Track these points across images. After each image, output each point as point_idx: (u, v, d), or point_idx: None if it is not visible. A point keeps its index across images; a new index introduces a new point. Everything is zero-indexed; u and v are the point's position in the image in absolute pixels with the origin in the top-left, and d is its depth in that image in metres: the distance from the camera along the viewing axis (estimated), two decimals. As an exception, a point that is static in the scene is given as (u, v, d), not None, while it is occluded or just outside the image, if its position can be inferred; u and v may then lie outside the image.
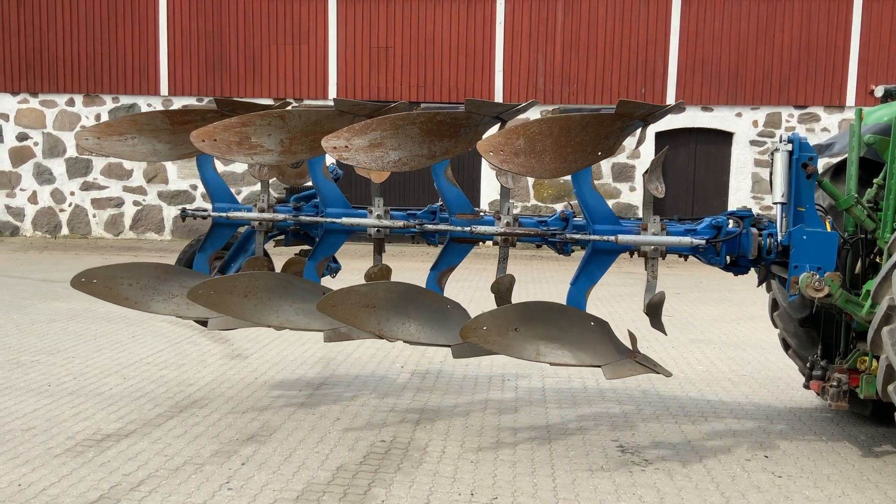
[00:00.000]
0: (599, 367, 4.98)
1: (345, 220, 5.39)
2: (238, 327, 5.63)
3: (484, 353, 5.13)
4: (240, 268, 5.85)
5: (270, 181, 5.70)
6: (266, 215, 5.57)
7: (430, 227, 5.30)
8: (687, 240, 4.98)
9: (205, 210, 5.73)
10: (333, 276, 6.05)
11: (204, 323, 5.93)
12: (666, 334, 5.44)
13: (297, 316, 5.21)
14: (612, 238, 4.92)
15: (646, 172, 5.00)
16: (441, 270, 5.33)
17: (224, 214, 5.63)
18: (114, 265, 5.39)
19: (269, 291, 5.14)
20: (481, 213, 5.40)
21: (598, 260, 5.10)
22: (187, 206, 6.13)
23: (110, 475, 4.66)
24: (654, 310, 5.02)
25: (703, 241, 4.97)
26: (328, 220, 5.44)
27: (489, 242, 5.42)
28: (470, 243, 5.34)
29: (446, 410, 6.12)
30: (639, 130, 4.90)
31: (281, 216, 5.60)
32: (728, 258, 5.21)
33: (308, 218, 5.56)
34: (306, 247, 6.17)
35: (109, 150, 5.27)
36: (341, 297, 4.86)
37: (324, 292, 5.16)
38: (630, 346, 5.07)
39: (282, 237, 6.10)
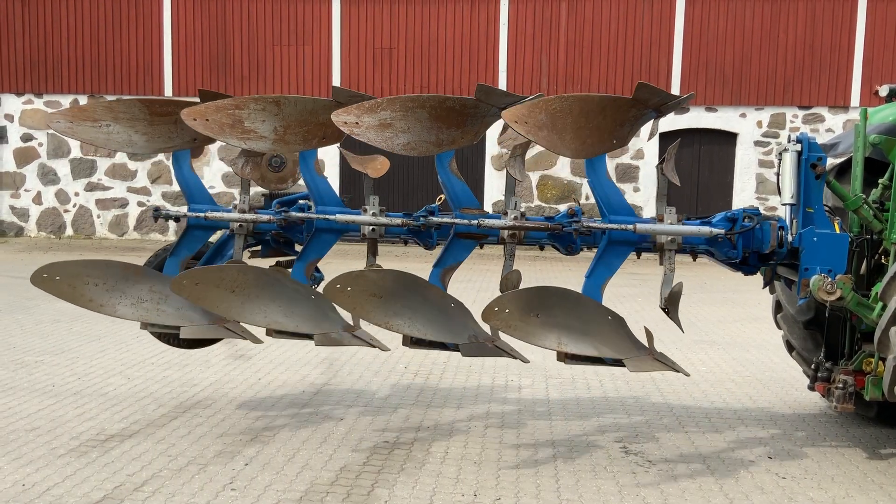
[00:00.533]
0: (621, 360, 4.83)
1: (339, 216, 5.06)
2: (213, 336, 5.31)
3: (492, 355, 5.05)
4: None
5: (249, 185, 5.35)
6: (248, 216, 5.17)
7: (434, 219, 5.04)
8: (706, 229, 4.84)
9: (178, 210, 5.35)
10: (315, 287, 5.59)
11: (168, 339, 5.68)
12: (683, 331, 5.37)
13: (286, 318, 4.93)
14: (629, 227, 4.77)
15: (660, 163, 4.93)
16: (445, 267, 5.08)
17: (201, 215, 5.21)
18: (79, 261, 5.03)
19: (259, 288, 4.87)
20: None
21: (613, 251, 4.95)
22: (160, 206, 5.67)
23: (114, 475, 4.66)
24: (673, 301, 4.84)
25: (722, 231, 4.85)
26: (320, 216, 5.10)
27: (493, 242, 5.28)
28: (475, 238, 5.10)
29: (450, 411, 6.11)
30: (651, 121, 4.84)
31: (265, 217, 5.17)
32: (743, 252, 5.07)
33: (299, 214, 5.18)
34: (283, 258, 5.76)
35: (82, 134, 4.91)
36: (349, 282, 4.61)
37: (313, 295, 4.99)
38: (647, 344, 4.96)
39: (258, 248, 5.66)
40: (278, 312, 4.91)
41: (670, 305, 4.87)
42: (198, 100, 4.96)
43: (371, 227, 5.06)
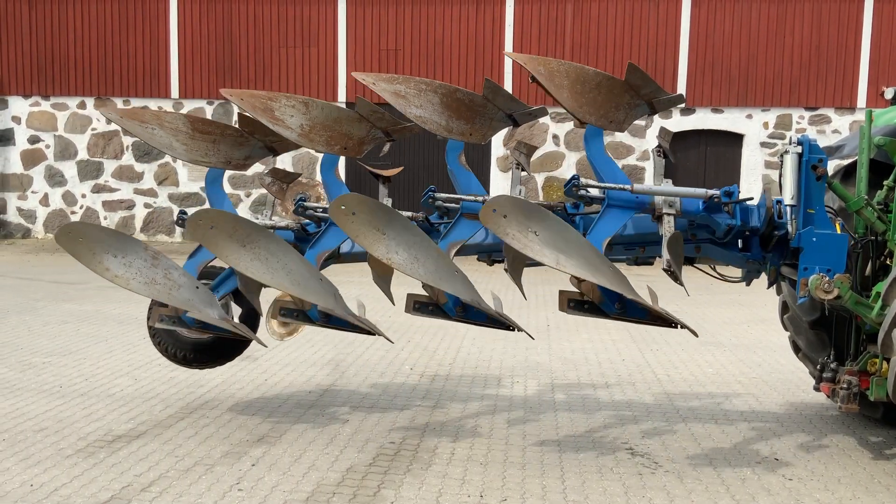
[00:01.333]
0: (622, 294, 4.65)
1: None
2: (217, 324, 5.22)
3: (495, 322, 4.98)
4: (225, 294, 5.56)
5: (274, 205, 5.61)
6: (268, 221, 5.41)
7: (441, 195, 5.17)
8: (701, 191, 4.90)
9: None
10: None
11: (176, 355, 5.69)
12: (689, 294, 5.30)
13: (292, 285, 4.85)
14: (627, 187, 4.83)
15: (657, 148, 5.07)
16: (450, 242, 5.12)
17: None
18: (105, 228, 5.13)
19: (269, 252, 4.84)
20: None
21: (612, 214, 4.95)
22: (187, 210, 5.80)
23: (121, 476, 4.68)
24: (673, 249, 4.68)
25: (717, 192, 4.88)
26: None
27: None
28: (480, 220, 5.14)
29: (455, 412, 6.12)
30: (646, 117, 4.98)
31: (283, 223, 5.39)
32: (742, 230, 5.06)
33: (314, 204, 5.39)
34: None
35: (130, 128, 5.27)
36: (354, 204, 4.56)
37: (321, 279, 4.99)
38: (650, 301, 4.85)
39: None
40: (285, 278, 4.83)
41: (672, 256, 4.69)
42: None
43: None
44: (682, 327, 4.89)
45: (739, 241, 5.26)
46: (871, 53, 17.78)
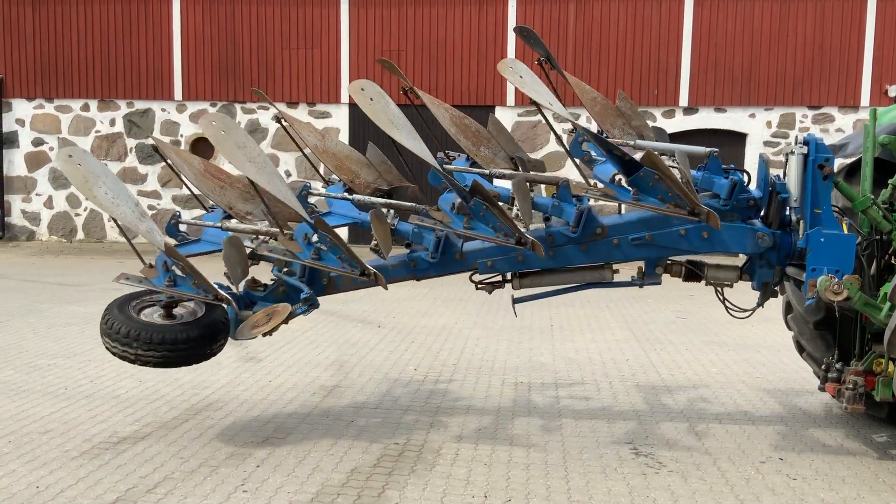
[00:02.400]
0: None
1: (356, 196, 5.34)
2: (191, 285, 5.03)
3: (499, 233, 4.99)
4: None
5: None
6: (261, 227, 5.26)
7: (449, 167, 5.33)
8: (703, 149, 5.08)
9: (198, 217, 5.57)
10: (306, 314, 5.28)
11: (114, 323, 5.20)
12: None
13: (290, 201, 4.77)
14: (630, 143, 5.04)
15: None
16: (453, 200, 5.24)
17: (218, 224, 5.32)
18: (106, 168, 4.90)
19: (270, 179, 4.72)
20: None
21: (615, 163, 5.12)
22: (181, 212, 5.84)
23: (127, 477, 4.70)
24: (683, 161, 4.95)
25: (717, 150, 5.06)
26: (336, 195, 5.39)
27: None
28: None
29: (459, 413, 6.13)
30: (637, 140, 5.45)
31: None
32: (745, 197, 5.16)
33: (317, 193, 5.49)
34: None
35: (158, 142, 5.54)
36: (372, 91, 4.66)
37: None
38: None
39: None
40: (280, 193, 4.74)
41: (684, 168, 4.95)
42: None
43: (385, 210, 5.16)
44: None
45: (743, 222, 5.28)
46: (874, 52, 17.74)
